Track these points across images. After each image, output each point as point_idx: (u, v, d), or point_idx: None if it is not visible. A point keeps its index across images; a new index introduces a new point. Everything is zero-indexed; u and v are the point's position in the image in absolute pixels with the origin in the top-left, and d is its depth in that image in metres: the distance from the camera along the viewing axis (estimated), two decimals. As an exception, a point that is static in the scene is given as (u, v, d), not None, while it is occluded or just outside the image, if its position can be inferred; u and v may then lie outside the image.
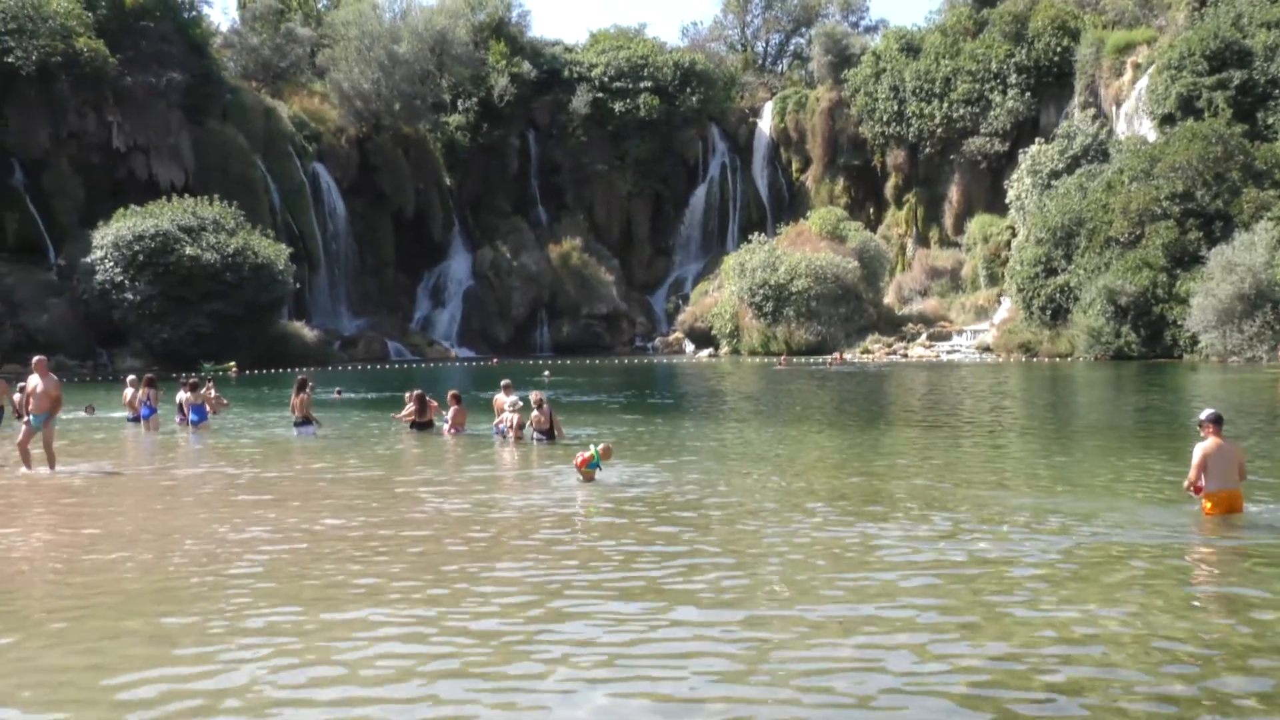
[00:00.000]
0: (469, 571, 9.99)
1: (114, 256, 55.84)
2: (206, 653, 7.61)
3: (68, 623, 8.43)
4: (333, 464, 18.37)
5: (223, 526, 12.39)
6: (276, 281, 59.27)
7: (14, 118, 61.48)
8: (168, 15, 69.60)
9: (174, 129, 67.09)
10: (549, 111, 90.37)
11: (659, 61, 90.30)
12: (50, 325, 56.03)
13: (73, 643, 7.92)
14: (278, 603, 8.92)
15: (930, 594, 9.01)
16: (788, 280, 68.29)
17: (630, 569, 10.03)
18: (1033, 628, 8.02)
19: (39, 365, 17.77)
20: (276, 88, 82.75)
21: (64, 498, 14.90)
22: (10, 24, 60.02)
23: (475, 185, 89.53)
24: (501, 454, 19.79)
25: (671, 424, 25.36)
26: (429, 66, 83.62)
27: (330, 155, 79.82)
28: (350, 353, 69.38)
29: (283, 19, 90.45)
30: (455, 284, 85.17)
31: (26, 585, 9.70)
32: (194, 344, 55.76)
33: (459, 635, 7.97)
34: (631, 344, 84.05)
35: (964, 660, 7.31)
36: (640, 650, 7.59)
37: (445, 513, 13.19)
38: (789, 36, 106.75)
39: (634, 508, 13.39)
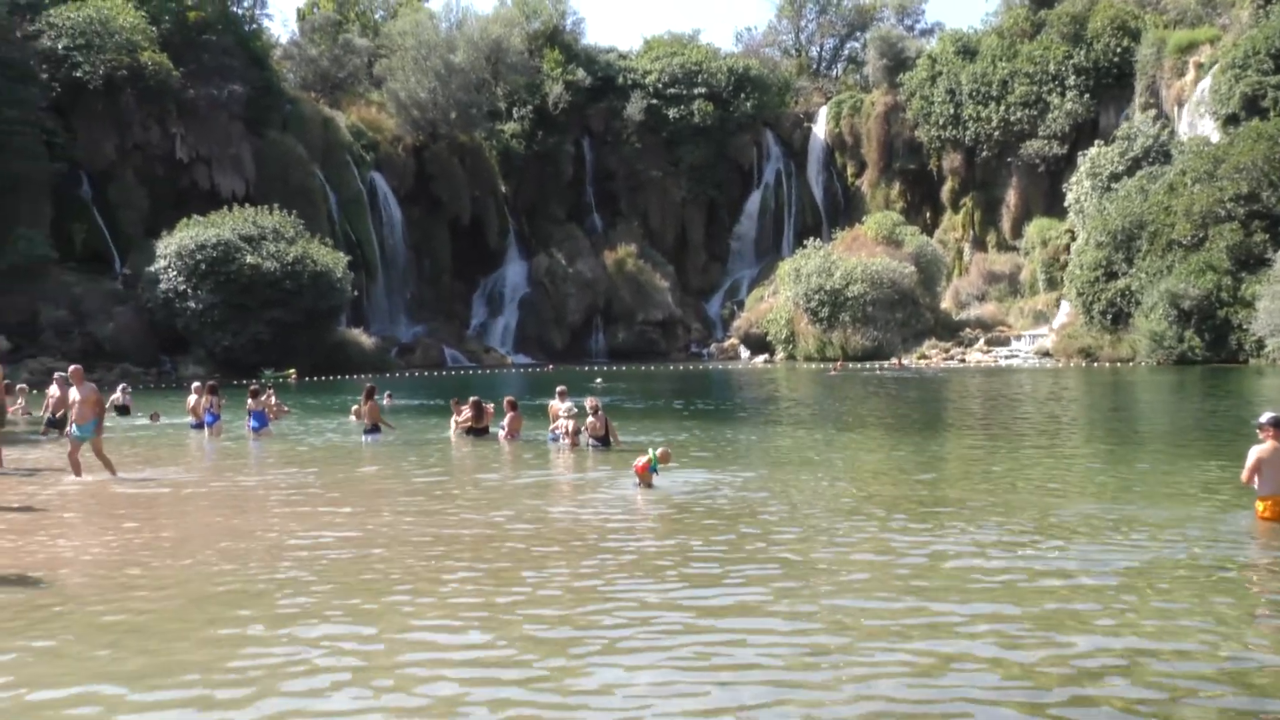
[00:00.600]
0: (527, 579, 10.03)
1: (177, 266, 56.71)
2: (269, 655, 7.72)
3: (135, 627, 8.58)
4: (392, 470, 18.53)
5: (285, 532, 12.54)
6: (335, 289, 59.88)
7: (82, 131, 62.76)
8: (229, 29, 70.79)
9: (235, 140, 68.07)
10: (603, 118, 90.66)
11: (713, 67, 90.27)
12: (116, 333, 57.02)
13: (138, 647, 8.05)
14: (339, 608, 9.00)
15: (991, 603, 8.93)
16: (843, 285, 67.94)
17: (686, 575, 10.02)
18: (1095, 637, 7.92)
19: (75, 375, 17.79)
20: (335, 98, 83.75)
21: (127, 504, 15.13)
22: (79, 39, 61.29)
23: (530, 192, 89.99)
24: (557, 460, 19.86)
25: (728, 430, 25.30)
26: (484, 75, 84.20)
27: (387, 164, 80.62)
28: (407, 360, 69.94)
29: (341, 30, 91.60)
30: (511, 291, 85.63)
31: (93, 590, 9.86)
32: (254, 351, 56.48)
33: (516, 639, 8.01)
34: (686, 350, 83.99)
35: (1027, 672, 7.23)
36: (695, 656, 7.58)
37: (503, 520, 13.24)
38: (843, 41, 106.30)
39: (690, 514, 13.39)
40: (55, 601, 9.38)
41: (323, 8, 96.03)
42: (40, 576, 10.30)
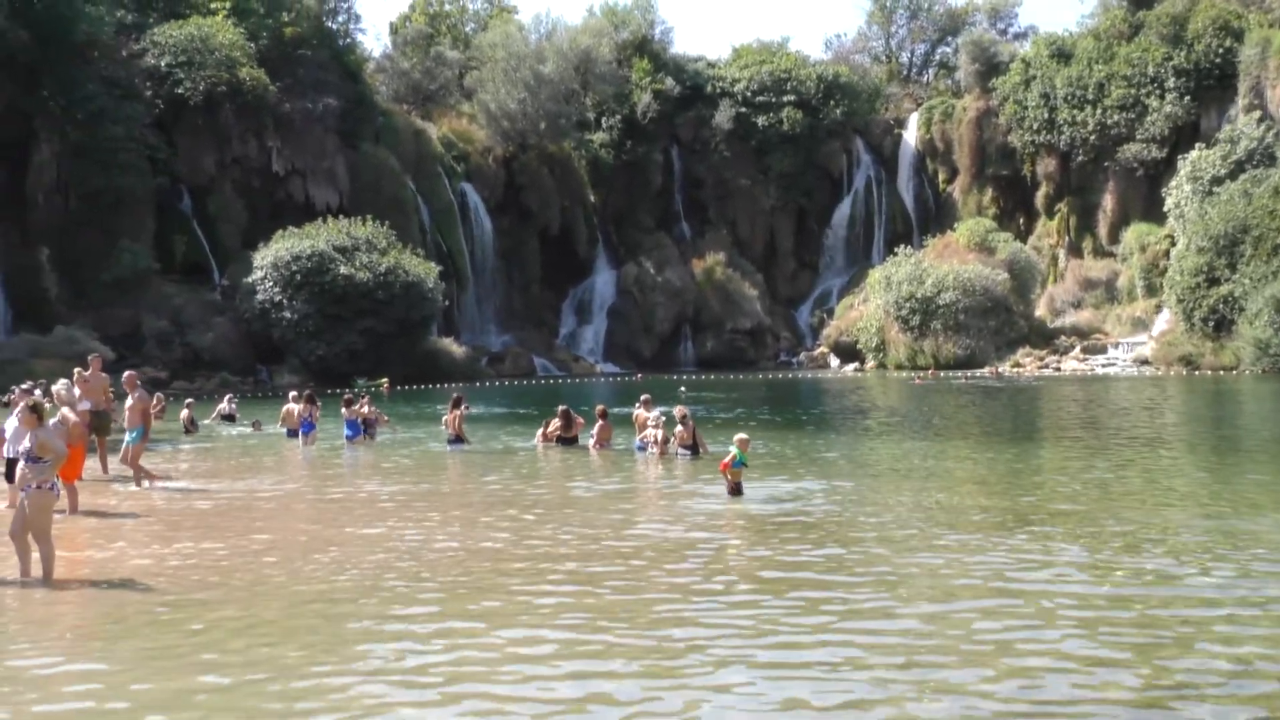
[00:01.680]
0: (618, 586, 10.01)
1: (273, 276, 57.85)
2: (363, 661, 7.79)
3: (234, 632, 8.71)
4: (481, 480, 18.64)
5: (379, 540, 12.68)
6: (426, 299, 60.59)
7: (183, 146, 64.45)
8: (324, 44, 72.24)
9: (329, 152, 69.31)
10: (692, 127, 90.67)
11: (802, 75, 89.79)
12: (214, 343, 58.33)
13: (238, 652, 8.17)
14: (435, 615, 9.07)
15: (1088, 618, 8.69)
16: (935, 293, 67.07)
17: (774, 584, 9.92)
18: (1197, 655, 7.67)
19: (128, 381, 18.11)
20: (426, 110, 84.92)
21: (226, 511, 15.41)
22: (181, 57, 62.97)
23: (619, 202, 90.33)
24: (646, 470, 19.82)
25: (818, 439, 25.09)
26: (573, 85, 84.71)
27: (478, 175, 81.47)
28: (498, 368, 70.48)
29: (432, 43, 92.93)
30: (600, 300, 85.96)
31: (192, 595, 10.04)
32: (348, 360, 57.36)
33: (608, 646, 7.99)
34: (776, 359, 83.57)
35: (1122, 689, 7.02)
36: (781, 665, 7.49)
37: (594, 529, 13.24)
38: (935, 46, 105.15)
39: (779, 523, 13.27)
40: (157, 605, 9.56)
41: (415, 21, 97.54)
42: (141, 581, 10.52)
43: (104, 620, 9.26)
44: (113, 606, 9.64)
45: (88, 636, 8.86)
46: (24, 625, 9.29)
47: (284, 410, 28.26)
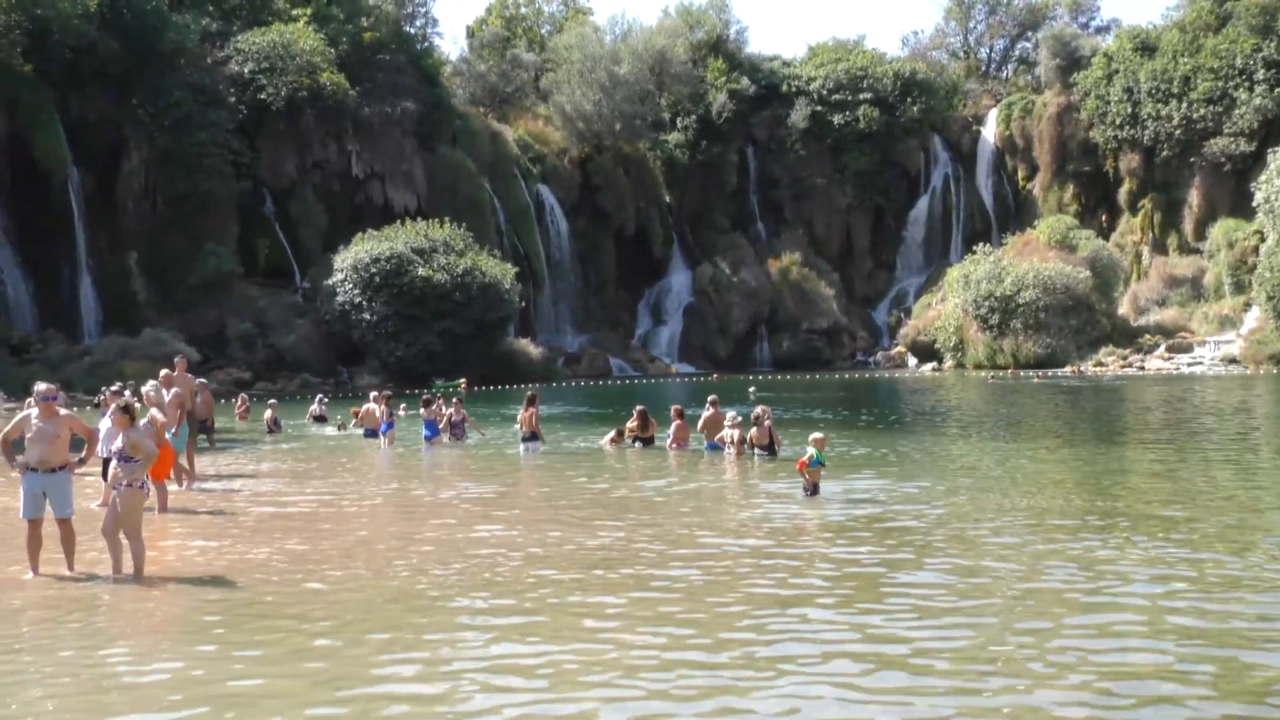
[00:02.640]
0: (695, 584, 10.00)
1: (353, 279, 58.67)
2: (446, 663, 7.87)
3: (318, 632, 8.85)
4: (559, 479, 18.74)
5: (458, 539, 12.80)
6: (503, 300, 61.06)
7: (265, 151, 65.69)
8: (402, 48, 73.16)
9: (407, 155, 70.15)
10: (767, 126, 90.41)
11: (878, 72, 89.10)
12: (296, 344, 59.31)
13: (322, 648, 8.30)
14: (514, 615, 9.13)
15: (1174, 626, 8.52)
16: (1014, 291, 66.15)
17: (853, 585, 9.85)
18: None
19: (165, 380, 18.36)
20: (502, 112, 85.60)
21: (310, 511, 15.65)
22: (263, 63, 64.18)
23: (694, 202, 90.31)
24: (723, 470, 19.79)
25: (894, 439, 24.85)
26: (648, 86, 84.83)
27: (553, 176, 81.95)
28: (574, 369, 70.82)
29: (508, 46, 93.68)
30: (675, 300, 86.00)
31: (272, 595, 10.23)
32: (426, 361, 58.00)
33: (684, 650, 7.98)
34: (852, 358, 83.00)
35: (1216, 702, 6.88)
36: (862, 673, 7.44)
37: (671, 529, 13.25)
38: (1014, 41, 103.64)
39: (857, 524, 13.17)
40: (242, 601, 9.75)
41: (491, 25, 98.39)
42: (228, 578, 10.72)
43: (192, 616, 9.46)
44: (201, 603, 9.84)
45: (177, 632, 9.06)
46: (116, 620, 9.50)
47: (364, 409, 28.67)
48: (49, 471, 10.98)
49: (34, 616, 9.53)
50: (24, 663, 8.15)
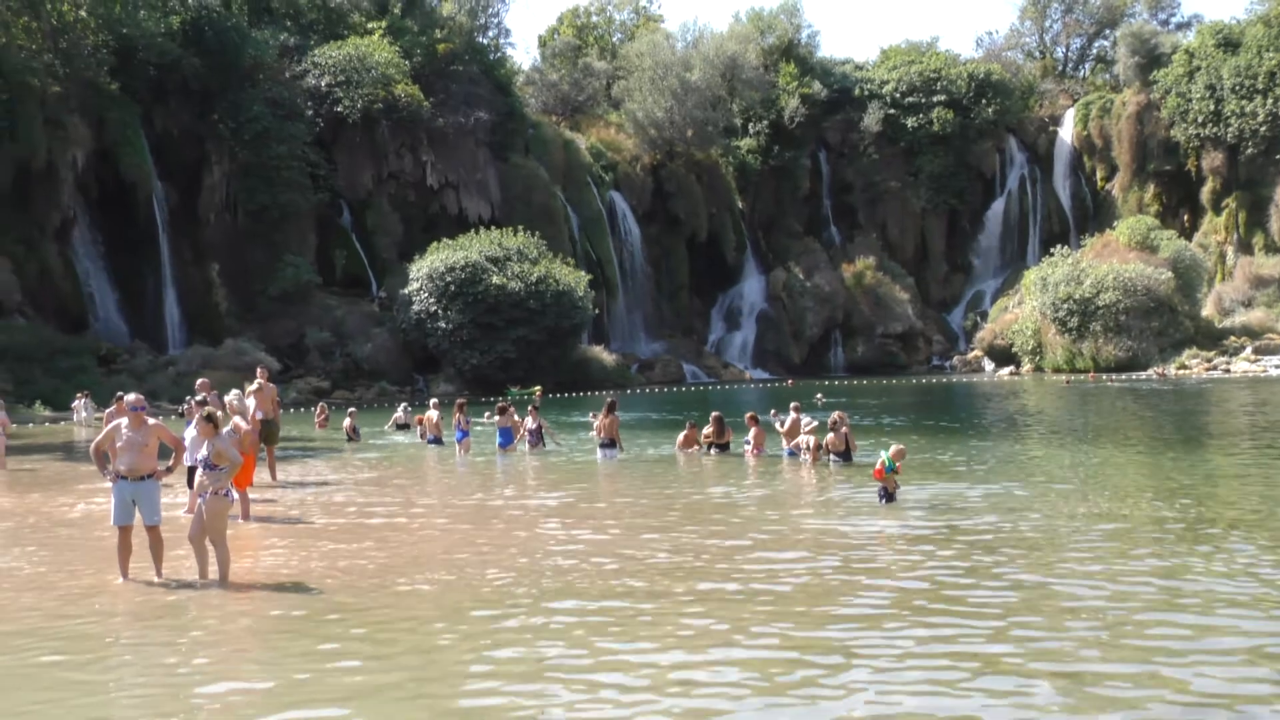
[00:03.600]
0: (774, 592, 9.99)
1: (428, 288, 59.28)
2: (523, 665, 7.93)
3: (399, 632, 8.97)
4: (637, 485, 18.78)
5: (536, 545, 12.90)
6: (577, 307, 61.30)
7: (342, 162, 66.72)
8: (475, 59, 73.86)
9: (481, 165, 70.79)
10: (840, 130, 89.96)
11: (952, 74, 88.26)
12: (374, 353, 60.08)
13: (403, 652, 8.40)
14: (586, 620, 9.19)
15: (1268, 636, 8.35)
16: (1094, 294, 65.06)
17: (931, 592, 9.77)
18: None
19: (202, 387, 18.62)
20: (575, 120, 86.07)
21: (384, 516, 15.86)
22: (340, 76, 65.23)
23: (767, 207, 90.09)
24: (799, 475, 19.72)
25: (972, 444, 24.56)
26: (720, 92, 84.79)
27: (626, 183, 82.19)
28: (648, 375, 70.93)
29: (580, 54, 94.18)
30: (749, 306, 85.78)
31: (354, 600, 10.38)
32: (501, 369, 58.41)
33: (761, 656, 7.99)
34: (928, 363, 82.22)
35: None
36: (947, 684, 7.38)
37: (747, 535, 13.22)
38: (1091, 39, 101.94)
39: (932, 531, 13.05)
40: (325, 606, 9.92)
41: (563, 34, 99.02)
42: (309, 584, 10.92)
43: (276, 621, 9.64)
44: (284, 608, 10.02)
45: (261, 636, 9.24)
46: (202, 624, 9.71)
47: (426, 416, 29.03)
48: (138, 480, 11.26)
49: (124, 621, 9.79)
50: (115, 665, 8.36)
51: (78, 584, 11.27)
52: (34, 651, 8.64)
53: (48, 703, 7.38)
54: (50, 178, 55.27)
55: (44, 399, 44.93)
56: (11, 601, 10.52)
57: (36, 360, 48.57)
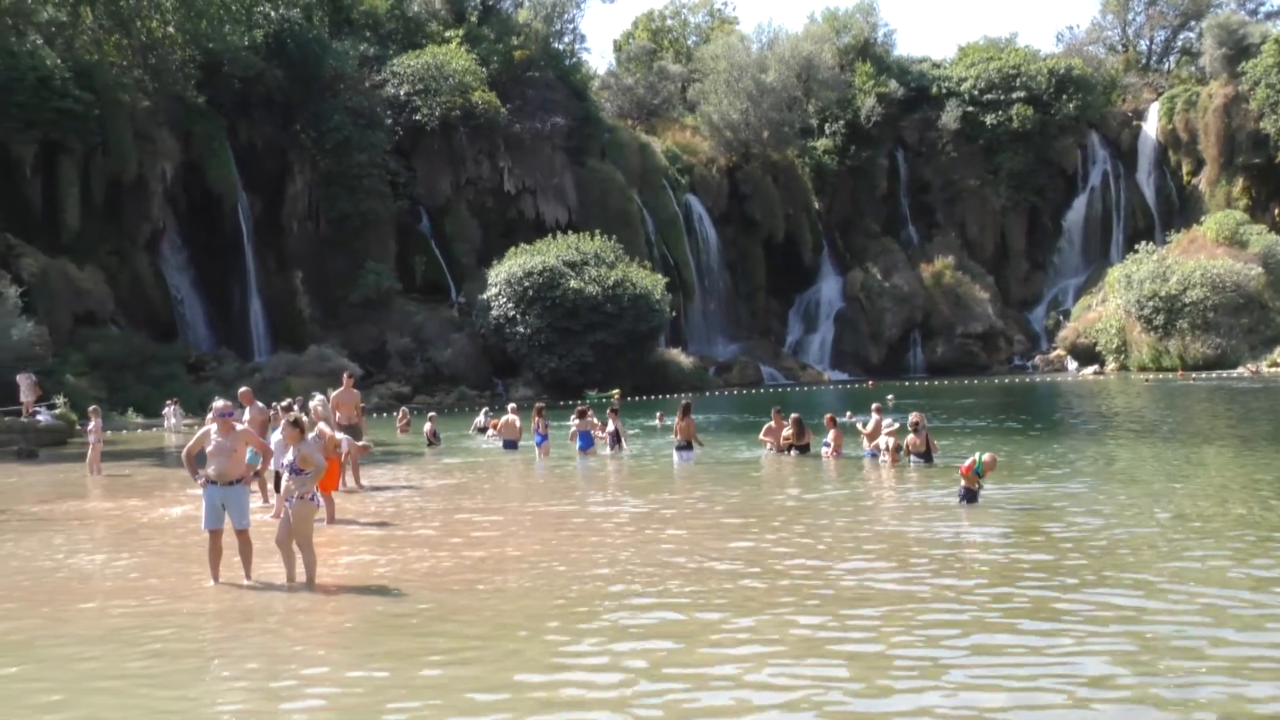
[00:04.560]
0: (854, 593, 9.97)
1: (506, 293, 59.79)
2: (607, 671, 8.00)
3: (474, 637, 9.09)
4: (714, 489, 18.76)
5: (617, 548, 12.98)
6: (654, 310, 61.40)
7: (421, 170, 67.59)
8: (551, 64, 74.37)
9: (558, 170, 71.24)
10: (917, 129, 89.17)
11: (1032, 70, 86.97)
12: (453, 358, 60.73)
13: (484, 654, 8.51)
14: (668, 623, 9.24)
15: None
16: (1180, 291, 63.75)
17: (1019, 596, 9.67)
18: None
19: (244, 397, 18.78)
20: (650, 124, 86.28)
21: (465, 520, 16.04)
22: (418, 85, 66.10)
23: (844, 207, 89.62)
24: (880, 477, 19.61)
25: (1055, 445, 24.19)
26: (796, 93, 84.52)
27: (702, 185, 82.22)
28: (725, 378, 70.84)
29: (655, 58, 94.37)
30: (826, 307, 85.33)
31: (439, 602, 10.52)
32: (579, 373, 58.71)
33: (846, 657, 7.97)
34: (1009, 363, 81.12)
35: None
36: (1029, 689, 7.33)
37: (829, 537, 13.19)
38: (1176, 31, 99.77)
39: (1015, 533, 12.91)
40: (408, 609, 10.08)
41: (638, 38, 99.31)
42: (393, 586, 11.09)
43: (362, 622, 9.81)
44: (369, 610, 10.20)
45: (347, 637, 9.40)
46: (290, 626, 9.91)
47: (502, 421, 29.27)
48: (227, 485, 11.52)
49: (215, 623, 10.01)
50: (205, 667, 8.56)
51: (170, 586, 11.55)
52: (127, 653, 8.88)
53: (140, 704, 7.57)
54: (140, 190, 56.74)
55: (136, 406, 46.05)
56: (105, 604, 10.81)
57: (129, 368, 49.81)
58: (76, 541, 15.01)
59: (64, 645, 9.18)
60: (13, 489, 22.78)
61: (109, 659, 8.72)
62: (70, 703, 7.60)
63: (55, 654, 8.90)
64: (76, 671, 8.36)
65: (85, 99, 52.50)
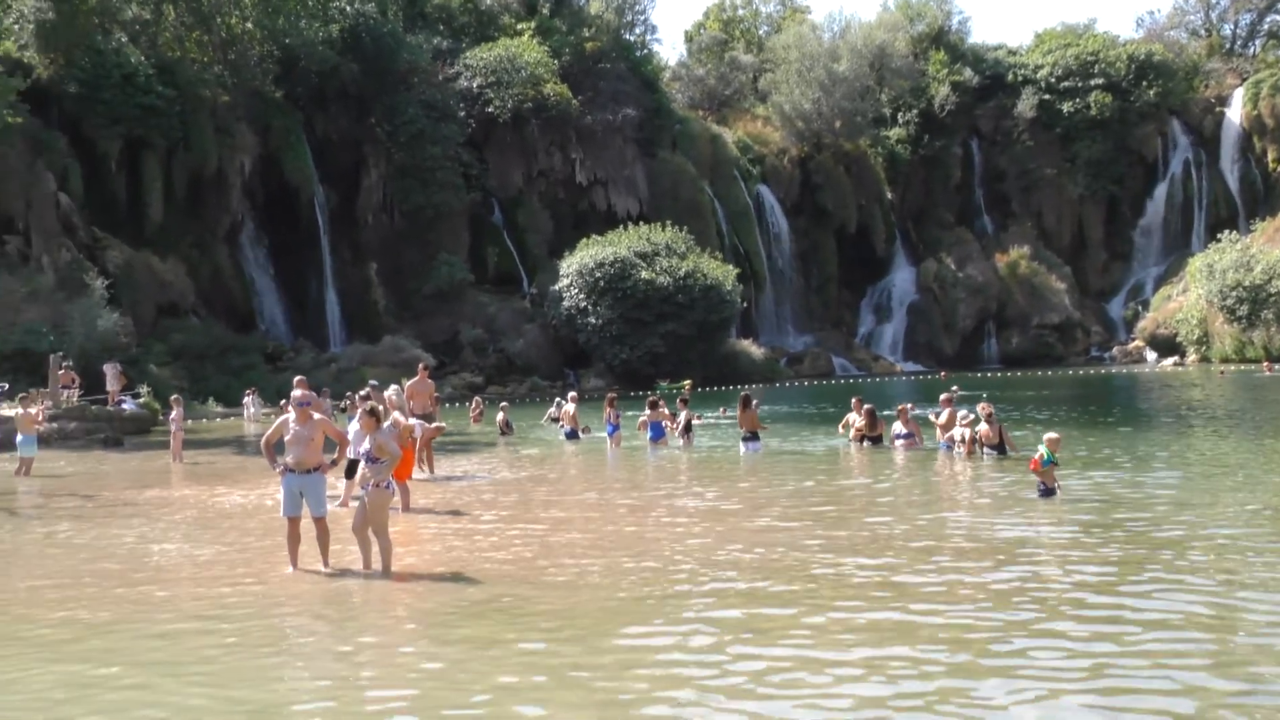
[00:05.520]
0: (926, 593, 9.93)
1: (578, 284, 60.05)
2: (681, 667, 8.05)
3: (548, 626, 9.18)
4: (781, 479, 18.71)
5: (689, 538, 13.02)
6: (725, 301, 61.30)
7: (493, 162, 68.09)
8: (622, 56, 74.50)
9: (629, 161, 71.36)
10: (992, 118, 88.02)
11: (1111, 56, 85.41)
12: (525, 349, 61.17)
13: (558, 643, 8.59)
14: (741, 617, 9.26)
15: None
16: (1265, 280, 62.27)
17: (1096, 595, 9.56)
18: None
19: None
20: (721, 115, 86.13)
21: (540, 509, 16.21)
22: (491, 78, 66.58)
23: (917, 197, 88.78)
24: (954, 469, 19.46)
25: (1135, 439, 23.78)
26: (868, 82, 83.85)
27: (773, 176, 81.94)
28: (796, 369, 70.53)
29: (726, 48, 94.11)
30: (899, 298, 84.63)
31: (513, 591, 10.63)
32: (650, 364, 58.81)
33: (913, 661, 7.94)
34: (1086, 354, 79.83)
35: None
36: (1105, 691, 7.27)
37: (903, 530, 13.13)
38: (1262, 15, 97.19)
39: (1093, 529, 12.72)
40: (482, 597, 10.21)
41: (709, 28, 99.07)
42: (467, 574, 11.22)
43: (437, 610, 9.94)
44: (444, 596, 10.34)
45: (423, 625, 9.53)
46: (367, 613, 10.11)
47: (563, 410, 29.47)
48: (305, 473, 11.75)
49: (293, 608, 10.18)
50: (283, 652, 8.75)
51: (248, 572, 11.79)
52: (206, 637, 9.05)
53: (218, 688, 7.72)
54: (220, 184, 57.85)
55: (216, 395, 47.02)
56: (185, 589, 11.06)
57: (209, 358, 50.87)
58: (158, 528, 15.38)
59: (145, 632, 9.39)
60: (99, 476, 23.40)
61: (188, 646, 8.88)
62: (149, 690, 7.73)
63: (135, 641, 9.09)
64: (156, 658, 8.51)
65: (167, 95, 53.73)
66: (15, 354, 40.59)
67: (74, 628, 9.56)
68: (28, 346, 40.50)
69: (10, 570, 12.58)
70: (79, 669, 8.25)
